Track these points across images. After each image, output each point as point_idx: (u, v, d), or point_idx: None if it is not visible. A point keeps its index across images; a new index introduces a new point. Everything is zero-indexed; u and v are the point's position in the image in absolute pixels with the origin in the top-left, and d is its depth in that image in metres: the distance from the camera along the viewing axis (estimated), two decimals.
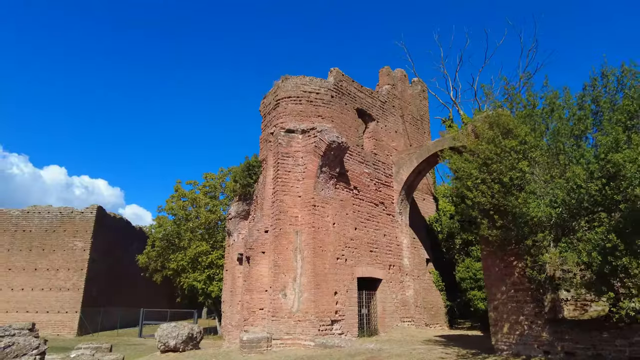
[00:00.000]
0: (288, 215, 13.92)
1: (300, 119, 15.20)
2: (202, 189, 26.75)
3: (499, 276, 9.30)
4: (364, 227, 15.94)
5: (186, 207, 25.35)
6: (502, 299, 9.13)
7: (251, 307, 13.60)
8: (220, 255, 24.85)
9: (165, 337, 12.31)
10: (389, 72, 20.51)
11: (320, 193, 14.23)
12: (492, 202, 7.54)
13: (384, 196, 17.50)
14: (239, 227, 17.41)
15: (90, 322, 26.54)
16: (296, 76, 15.92)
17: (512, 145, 7.37)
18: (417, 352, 10.11)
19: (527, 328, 8.65)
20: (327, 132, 14.35)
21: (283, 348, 12.51)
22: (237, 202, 17.83)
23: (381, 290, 16.09)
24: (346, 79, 17.04)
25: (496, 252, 9.31)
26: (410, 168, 17.87)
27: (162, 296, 33.91)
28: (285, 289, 13.21)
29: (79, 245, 27.19)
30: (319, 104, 15.58)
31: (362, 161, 16.78)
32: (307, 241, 13.60)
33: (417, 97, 22.63)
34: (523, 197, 6.87)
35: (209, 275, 24.27)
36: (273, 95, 16.25)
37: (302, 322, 12.84)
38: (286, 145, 14.70)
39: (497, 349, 9.06)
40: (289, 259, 13.50)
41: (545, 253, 7.01)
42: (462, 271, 17.57)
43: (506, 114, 7.98)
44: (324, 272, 13.44)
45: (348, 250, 14.80)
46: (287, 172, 14.38)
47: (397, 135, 19.59)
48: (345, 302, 13.93)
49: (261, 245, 14.17)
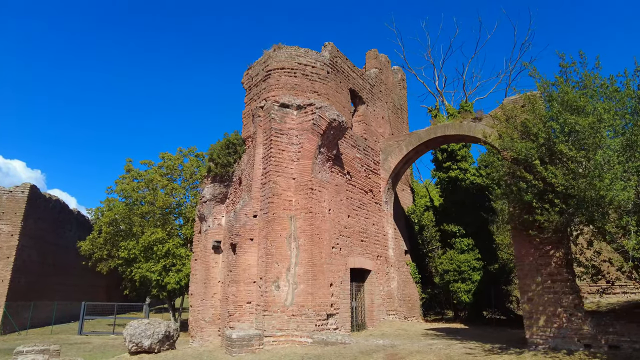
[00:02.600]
0: (282, 198, 12.49)
1: (295, 93, 13.76)
2: (158, 170, 24.07)
3: (533, 266, 8.76)
4: (355, 215, 14.95)
5: (140, 189, 22.62)
6: (537, 290, 8.60)
7: (238, 301, 12.01)
8: (178, 244, 22.57)
9: (138, 337, 10.38)
10: (377, 55, 19.63)
11: (317, 176, 12.95)
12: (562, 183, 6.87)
13: (372, 184, 16.63)
14: (215, 212, 15.56)
15: (17, 318, 22.86)
16: (290, 46, 14.41)
17: (589, 122, 6.73)
18: (437, 348, 9.32)
19: (566, 321, 8.18)
20: (327, 109, 13.09)
21: (276, 346, 11.15)
22: (212, 184, 15.94)
23: (369, 282, 15.25)
24: (340, 56, 15.84)
25: (531, 241, 8.75)
26: (399, 156, 17.18)
27: (104, 288, 30.50)
28: (279, 280, 11.81)
29: (5, 230, 23.25)
30: (315, 78, 14.23)
31: (354, 145, 15.74)
32: (304, 227, 12.29)
33: (397, 86, 22.04)
34: (608, 178, 6.24)
35: (164, 265, 21.89)
36: (262, 65, 14.60)
37: (296, 316, 11.54)
38: (280, 121, 13.19)
39: (532, 342, 8.52)
40: (282, 246, 12.09)
41: (630, 239, 6.47)
42: (446, 263, 17.27)
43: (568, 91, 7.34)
44: (320, 262, 12.23)
45: (342, 239, 13.72)
46: (280, 151, 12.91)
47: (383, 122, 18.81)
48: (339, 295, 12.85)
49: (249, 232, 12.59)
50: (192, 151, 25.24)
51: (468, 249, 17.07)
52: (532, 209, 7.66)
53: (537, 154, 7.46)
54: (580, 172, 6.60)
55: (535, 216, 7.49)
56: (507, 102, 9.80)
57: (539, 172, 7.36)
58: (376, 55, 19.66)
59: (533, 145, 7.56)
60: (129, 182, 22.82)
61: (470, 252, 16.98)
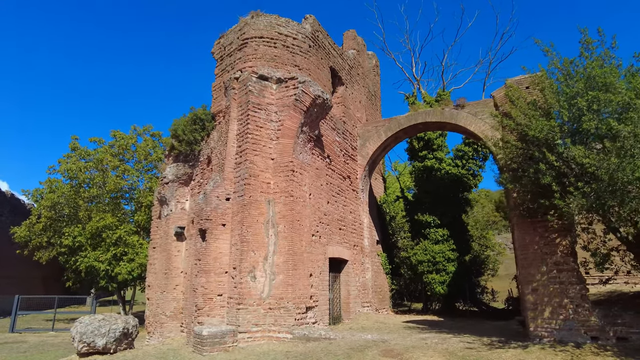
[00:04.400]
0: (259, 180, 11.25)
1: (275, 65, 12.49)
2: (109, 149, 21.69)
3: (538, 255, 8.30)
4: (335, 201, 14.02)
5: (88, 170, 20.22)
6: (542, 280, 8.14)
7: (207, 293, 10.67)
8: (130, 231, 20.53)
9: (91, 335, 8.80)
10: (355, 36, 18.71)
11: (298, 157, 11.84)
12: (594, 164, 6.32)
13: (350, 170, 15.77)
14: (178, 195, 13.99)
15: None
16: (269, 14, 13.09)
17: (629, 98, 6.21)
18: (433, 343, 8.65)
19: (573, 312, 7.78)
20: (311, 84, 11.97)
21: (251, 343, 10.00)
22: (174, 164, 14.31)
23: (346, 273, 14.44)
24: (322, 31, 14.72)
25: (536, 229, 8.26)
26: (378, 142, 16.44)
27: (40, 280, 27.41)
28: (255, 270, 10.62)
29: None
30: (297, 51, 13.03)
31: (334, 128, 14.76)
32: (283, 213, 11.15)
33: (371, 72, 21.30)
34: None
35: (115, 254, 19.80)
36: (237, 33, 13.14)
37: (274, 310, 10.44)
38: (258, 95, 11.89)
39: (536, 335, 8.06)
40: (259, 233, 10.90)
41: None
42: (420, 253, 16.85)
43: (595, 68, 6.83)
44: (300, 251, 11.18)
45: (322, 226, 12.74)
46: (258, 128, 11.63)
47: (360, 106, 17.97)
48: (318, 286, 11.89)
49: (221, 216, 11.25)
50: (148, 130, 23.08)
51: (443, 239, 16.76)
52: (548, 193, 7.13)
53: (559, 132, 6.93)
54: (615, 152, 6.10)
55: (553, 200, 6.97)
56: (511, 82, 9.26)
57: (560, 152, 6.83)
58: (354, 36, 18.74)
59: (556, 123, 7.02)
60: (74, 161, 20.31)
61: (445, 243, 16.69)
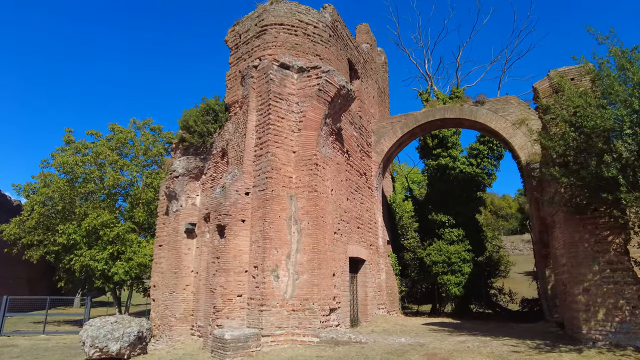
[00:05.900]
0: (281, 174, 10.61)
1: (296, 54, 11.88)
2: (107, 143, 20.71)
3: (589, 254, 7.85)
4: (353, 198, 13.45)
5: (86, 164, 19.22)
6: (594, 280, 7.69)
7: (226, 294, 9.96)
8: (129, 229, 19.60)
9: (104, 339, 8.02)
10: (368, 30, 18.22)
11: (321, 150, 11.23)
12: None
13: (366, 167, 15.23)
14: (188, 189, 13.23)
15: None
16: (289, 1, 12.48)
17: None
18: (475, 346, 8.13)
19: (629, 314, 7.34)
20: (335, 74, 11.39)
21: (275, 347, 9.33)
22: (185, 157, 13.55)
23: (363, 273, 13.86)
24: (340, 21, 14.16)
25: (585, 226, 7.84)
26: (393, 139, 15.94)
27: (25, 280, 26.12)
28: (278, 269, 9.97)
29: None
30: (318, 40, 12.44)
31: (351, 122, 14.20)
32: (307, 208, 10.52)
33: (381, 68, 20.84)
34: None
35: (111, 253, 18.84)
36: (255, 20, 12.49)
37: (298, 311, 9.80)
38: (279, 84, 11.26)
39: (589, 338, 7.59)
40: (282, 230, 10.25)
41: None
42: (435, 254, 16.37)
43: None
44: (324, 249, 10.56)
45: (342, 224, 12.15)
46: (280, 119, 10.99)
47: (374, 102, 17.47)
48: (341, 287, 11.29)
49: (241, 212, 10.56)
50: (148, 123, 22.13)
51: (458, 239, 16.32)
52: (610, 187, 6.70)
53: (628, 122, 6.51)
54: None
55: (619, 194, 6.55)
56: (554, 74, 8.85)
57: (629, 143, 6.42)
58: (367, 30, 18.25)
59: (625, 112, 6.61)
60: (71, 154, 19.29)
61: (461, 243, 16.26)
